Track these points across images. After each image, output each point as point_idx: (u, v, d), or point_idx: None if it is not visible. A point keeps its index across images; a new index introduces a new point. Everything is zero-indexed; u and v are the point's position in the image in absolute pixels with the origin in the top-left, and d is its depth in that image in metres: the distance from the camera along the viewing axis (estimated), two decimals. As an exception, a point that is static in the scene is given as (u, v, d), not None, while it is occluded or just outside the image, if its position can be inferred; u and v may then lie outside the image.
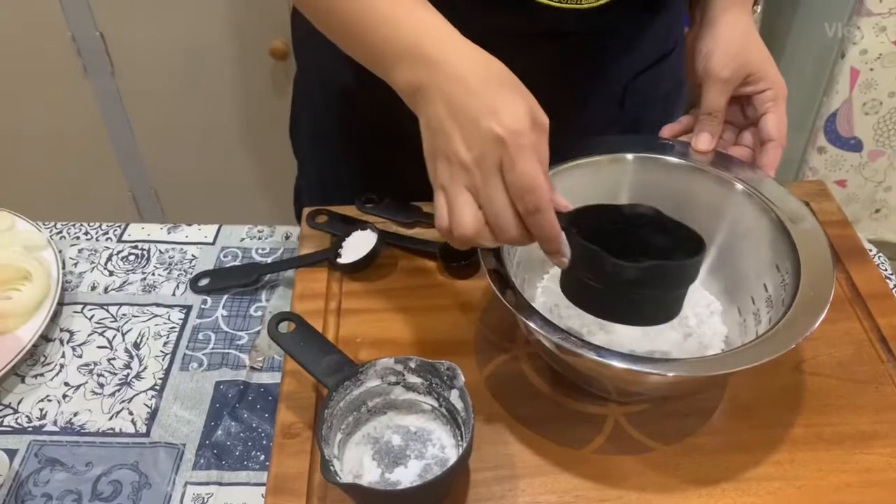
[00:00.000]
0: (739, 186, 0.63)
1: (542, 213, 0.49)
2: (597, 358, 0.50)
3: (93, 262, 0.78)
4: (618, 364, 0.50)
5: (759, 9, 0.70)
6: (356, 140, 0.83)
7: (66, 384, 0.67)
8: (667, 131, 0.68)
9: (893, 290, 0.71)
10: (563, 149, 0.65)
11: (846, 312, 0.68)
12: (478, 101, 0.49)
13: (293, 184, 1.02)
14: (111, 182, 1.68)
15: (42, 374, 0.68)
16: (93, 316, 0.73)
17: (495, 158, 0.49)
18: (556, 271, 0.68)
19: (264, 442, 0.63)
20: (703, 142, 0.65)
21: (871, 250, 0.75)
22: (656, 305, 0.53)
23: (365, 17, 0.55)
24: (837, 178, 1.68)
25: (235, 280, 0.75)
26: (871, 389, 0.62)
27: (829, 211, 0.77)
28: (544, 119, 0.51)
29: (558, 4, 0.64)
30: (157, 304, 0.74)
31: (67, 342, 0.70)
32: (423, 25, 0.53)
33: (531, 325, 0.52)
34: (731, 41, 0.65)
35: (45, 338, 0.70)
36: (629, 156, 0.65)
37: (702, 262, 0.53)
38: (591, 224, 0.52)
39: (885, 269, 0.74)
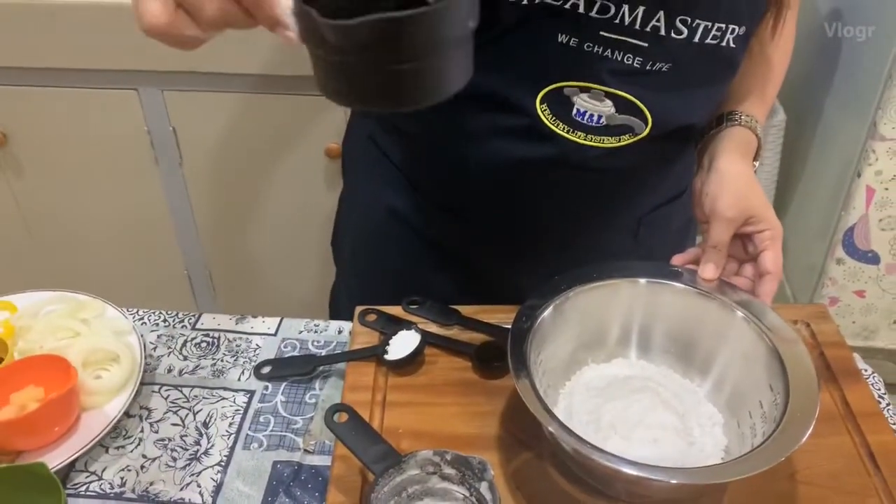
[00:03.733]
0: (740, 313, 0.72)
1: None
2: (608, 464, 0.58)
3: (170, 348, 0.88)
4: (627, 470, 0.58)
5: (757, 164, 0.81)
6: (395, 255, 0.94)
7: (144, 456, 0.76)
8: (677, 259, 0.78)
9: (884, 410, 0.78)
10: (584, 272, 0.75)
11: (838, 428, 0.75)
12: None
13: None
14: (169, 262, 1.81)
15: (123, 447, 0.77)
16: (168, 396, 0.83)
17: None
18: (576, 378, 0.77)
19: (314, 518, 0.71)
20: (709, 271, 0.74)
21: (865, 370, 0.83)
22: (411, 77, 0.45)
23: None
24: (856, 288, 1.75)
25: (294, 369, 0.85)
26: (858, 501, 0.69)
27: (827, 332, 0.85)
28: None
29: (582, 141, 0.74)
30: (225, 388, 0.84)
31: (146, 418, 0.80)
32: None
33: (551, 429, 0.60)
34: (736, 187, 0.75)
35: (127, 414, 0.80)
36: (643, 280, 0.75)
37: (438, 15, 0.42)
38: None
39: (879, 390, 0.82)
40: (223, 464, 0.76)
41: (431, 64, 0.44)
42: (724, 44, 0.71)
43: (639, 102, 0.72)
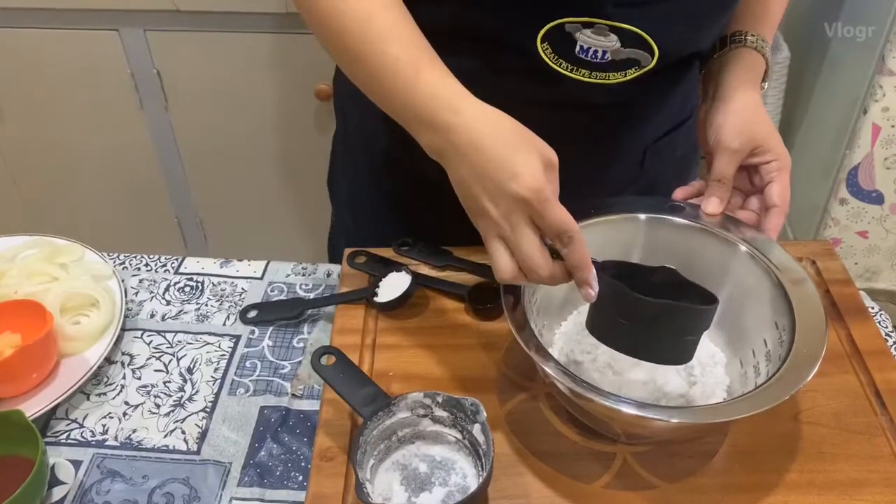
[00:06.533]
0: (744, 248, 0.69)
1: (576, 244, 0.57)
2: (606, 403, 0.55)
3: (152, 292, 0.85)
4: (626, 410, 0.56)
5: (766, 85, 0.76)
6: (393, 194, 0.90)
7: (126, 403, 0.74)
8: (679, 193, 0.74)
9: (892, 348, 0.75)
10: (582, 208, 0.71)
11: (844, 367, 0.73)
12: (498, 167, 0.56)
13: (329, 221, 1.09)
14: (159, 209, 1.78)
15: (105, 394, 0.75)
16: (151, 342, 0.80)
17: (522, 213, 0.56)
18: (573, 318, 0.74)
19: (302, 464, 0.69)
20: (713, 205, 0.71)
21: (872, 308, 0.80)
22: (672, 346, 0.60)
23: (384, 83, 0.62)
24: (859, 229, 1.72)
25: (281, 313, 0.82)
26: (863, 440, 0.67)
27: (833, 270, 0.82)
28: (553, 157, 0.58)
29: (587, 79, 0.70)
30: (210, 333, 0.81)
31: (128, 365, 0.78)
32: (436, 91, 0.60)
33: (547, 370, 0.58)
34: (741, 116, 0.71)
35: (108, 360, 0.78)
36: (642, 216, 0.71)
37: (713, 313, 0.59)
38: (616, 273, 0.60)
39: (886, 327, 0.79)
40: (208, 410, 0.73)
41: (675, 340, 0.59)
42: None
43: (644, 34, 0.68)
